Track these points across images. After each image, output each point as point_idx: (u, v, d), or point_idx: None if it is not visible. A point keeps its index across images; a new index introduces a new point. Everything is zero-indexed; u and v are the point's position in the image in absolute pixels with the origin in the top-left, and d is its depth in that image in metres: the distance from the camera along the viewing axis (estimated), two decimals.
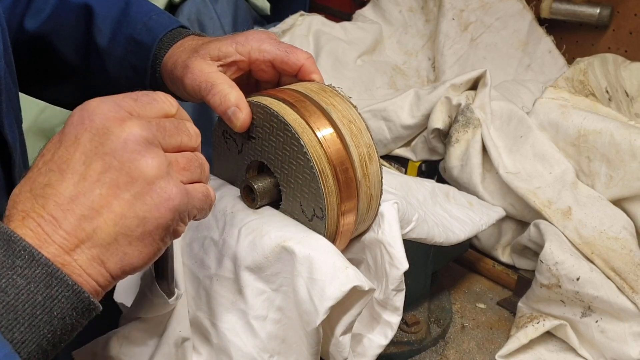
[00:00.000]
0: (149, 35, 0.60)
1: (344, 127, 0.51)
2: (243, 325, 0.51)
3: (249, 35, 0.56)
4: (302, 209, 0.51)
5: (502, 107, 0.87)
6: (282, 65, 0.56)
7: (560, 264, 0.71)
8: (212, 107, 0.53)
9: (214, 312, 0.51)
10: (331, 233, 0.51)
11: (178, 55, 0.57)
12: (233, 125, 0.52)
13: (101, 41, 0.62)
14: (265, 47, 0.55)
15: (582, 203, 0.78)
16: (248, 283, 0.50)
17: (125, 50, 0.61)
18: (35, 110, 1.14)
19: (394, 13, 1.30)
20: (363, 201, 0.52)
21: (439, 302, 0.80)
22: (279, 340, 0.51)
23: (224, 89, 0.52)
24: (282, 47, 0.56)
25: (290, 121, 0.49)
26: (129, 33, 0.61)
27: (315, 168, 0.48)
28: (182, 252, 0.55)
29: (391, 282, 0.54)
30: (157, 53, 0.59)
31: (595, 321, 0.70)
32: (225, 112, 0.52)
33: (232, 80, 0.55)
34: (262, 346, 0.51)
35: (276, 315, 0.51)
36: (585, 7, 1.11)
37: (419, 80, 1.23)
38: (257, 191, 0.52)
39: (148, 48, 0.59)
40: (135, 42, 0.60)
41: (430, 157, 0.95)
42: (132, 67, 0.61)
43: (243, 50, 0.55)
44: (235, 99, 0.51)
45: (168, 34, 0.60)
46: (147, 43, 0.60)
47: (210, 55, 0.55)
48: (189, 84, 0.54)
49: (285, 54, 0.55)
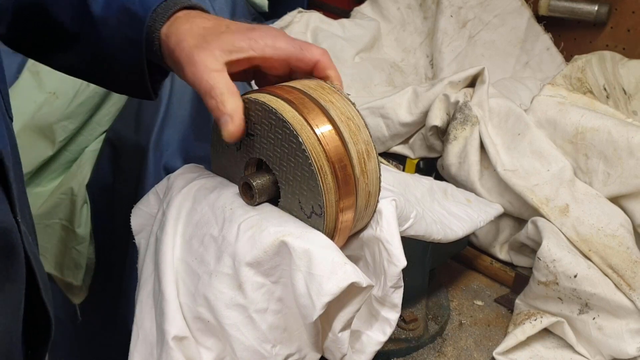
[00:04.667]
0: (142, 4, 0.56)
1: (342, 124, 0.51)
2: (244, 319, 0.51)
3: (262, 32, 0.54)
4: (301, 206, 0.51)
5: (500, 105, 0.87)
6: (297, 63, 0.55)
7: (558, 261, 0.71)
8: (208, 109, 0.52)
9: (214, 308, 0.51)
10: (330, 230, 0.51)
11: (184, 35, 0.54)
12: (223, 135, 0.51)
13: (95, 9, 0.59)
14: (280, 45, 0.54)
15: (580, 200, 0.78)
16: (247, 278, 0.50)
17: (118, 21, 0.58)
18: (32, 107, 1.14)
19: (392, 10, 1.29)
20: (361, 198, 0.52)
21: (436, 299, 0.80)
22: (280, 329, 0.51)
23: (222, 93, 0.51)
24: (297, 44, 0.54)
25: (288, 118, 0.49)
26: (122, 1, 0.57)
27: (313, 165, 0.48)
28: (182, 249, 0.55)
29: (389, 279, 0.54)
30: (152, 25, 0.56)
31: (593, 318, 0.70)
32: (218, 119, 0.51)
33: (237, 72, 0.54)
34: (263, 338, 0.51)
35: (276, 306, 0.51)
36: (583, 4, 1.11)
37: (417, 78, 1.23)
38: (256, 188, 0.52)
39: (141, 19, 0.56)
40: (128, 11, 0.57)
41: (428, 155, 0.95)
42: (127, 38, 0.58)
43: (257, 47, 0.53)
44: (230, 108, 0.50)
45: (163, 3, 0.56)
46: (140, 14, 0.56)
47: (221, 48, 0.52)
48: (189, 77, 0.53)
49: (300, 50, 0.54)
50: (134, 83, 0.61)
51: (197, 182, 0.59)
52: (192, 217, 0.56)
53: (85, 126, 1.17)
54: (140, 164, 1.04)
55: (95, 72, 0.65)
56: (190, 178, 0.60)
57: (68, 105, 1.13)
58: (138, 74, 0.59)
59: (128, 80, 0.61)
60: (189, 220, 0.56)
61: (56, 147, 1.16)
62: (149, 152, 1.03)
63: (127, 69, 0.59)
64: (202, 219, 0.54)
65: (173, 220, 0.56)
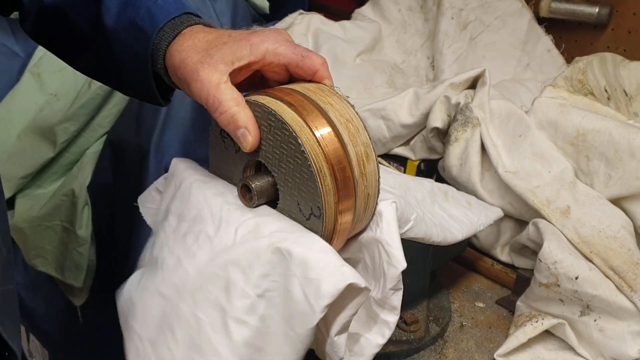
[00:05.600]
0: (150, 22, 0.57)
1: (341, 125, 0.51)
2: (221, 322, 0.50)
3: (264, 36, 0.54)
4: (300, 207, 0.51)
5: (501, 106, 0.87)
6: (296, 70, 0.55)
7: (559, 262, 0.71)
8: (220, 125, 0.52)
9: (197, 303, 0.51)
10: (328, 232, 0.51)
11: (187, 52, 0.54)
12: (243, 147, 0.51)
13: (108, 21, 0.59)
14: (281, 51, 0.54)
15: (581, 202, 0.78)
16: (236, 282, 0.50)
17: (128, 35, 0.58)
18: (34, 109, 1.14)
19: (393, 12, 1.30)
20: (360, 200, 0.52)
21: (437, 301, 0.80)
22: (253, 348, 0.50)
23: (230, 107, 0.51)
24: (298, 51, 0.54)
25: (288, 120, 0.49)
26: (132, 17, 0.58)
27: (313, 166, 0.48)
28: (174, 243, 0.55)
29: (389, 281, 0.54)
30: (158, 44, 0.56)
31: (594, 320, 0.70)
32: (234, 132, 0.51)
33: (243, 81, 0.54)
34: (234, 350, 0.50)
35: (257, 323, 0.50)
36: (584, 6, 1.11)
37: (418, 79, 1.23)
38: (255, 190, 0.52)
39: (148, 36, 0.57)
40: (137, 27, 0.58)
41: (429, 156, 0.95)
42: (134, 52, 0.58)
43: (257, 53, 0.53)
44: (244, 121, 0.51)
45: (170, 22, 0.57)
46: (148, 31, 0.57)
47: (224, 61, 0.52)
48: (196, 93, 0.53)
49: (301, 58, 0.54)
50: (143, 91, 0.62)
51: (196, 176, 0.59)
52: (189, 212, 0.56)
53: (86, 128, 1.17)
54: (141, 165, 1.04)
55: (109, 77, 0.67)
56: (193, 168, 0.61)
57: (69, 107, 1.13)
58: (146, 85, 0.60)
59: (138, 88, 0.62)
60: (186, 214, 0.56)
61: (57, 148, 1.16)
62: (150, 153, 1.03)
63: (136, 79, 0.60)
64: (199, 216, 0.54)
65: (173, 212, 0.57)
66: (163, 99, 0.63)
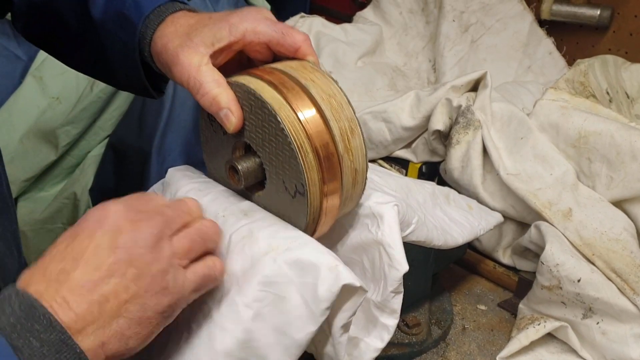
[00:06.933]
0: (136, 11, 0.57)
1: (323, 102, 0.50)
2: (207, 332, 0.49)
3: (243, 16, 0.54)
4: (285, 186, 0.51)
5: (503, 109, 0.87)
6: (278, 47, 0.54)
7: (561, 265, 0.71)
8: (202, 107, 0.52)
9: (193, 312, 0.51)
10: (315, 209, 0.51)
11: (169, 37, 0.54)
12: (226, 128, 0.51)
13: (95, 12, 0.59)
14: (261, 29, 0.53)
15: (583, 204, 0.78)
16: (229, 292, 0.49)
17: (115, 25, 0.59)
18: (36, 112, 1.15)
19: (395, 15, 1.30)
20: (347, 176, 0.51)
21: (439, 304, 0.80)
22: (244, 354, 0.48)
23: (212, 89, 0.51)
24: (278, 28, 0.54)
25: (267, 98, 0.49)
26: (118, 7, 0.58)
27: (293, 143, 0.48)
28: None
29: (390, 284, 0.54)
30: (144, 32, 0.56)
31: (596, 323, 0.70)
32: (217, 114, 0.51)
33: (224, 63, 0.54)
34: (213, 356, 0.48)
35: (242, 335, 0.48)
36: (586, 8, 1.11)
37: (420, 82, 1.23)
38: (242, 171, 0.52)
39: (134, 25, 0.57)
40: (123, 17, 0.58)
41: (431, 159, 0.95)
42: (122, 42, 0.59)
43: (237, 33, 0.53)
44: (225, 101, 0.51)
45: (156, 10, 0.57)
46: (134, 20, 0.57)
47: (204, 43, 0.52)
48: (177, 76, 0.53)
49: (282, 35, 0.53)
50: (134, 83, 0.62)
51: (191, 184, 0.59)
52: None
53: (88, 131, 1.18)
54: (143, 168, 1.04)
55: (100, 71, 0.67)
56: (189, 176, 0.60)
57: (71, 110, 1.13)
58: (136, 76, 0.60)
59: (129, 81, 0.62)
60: None
61: (59, 151, 1.17)
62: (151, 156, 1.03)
63: (126, 70, 0.60)
64: None
65: None
66: (155, 90, 0.63)
